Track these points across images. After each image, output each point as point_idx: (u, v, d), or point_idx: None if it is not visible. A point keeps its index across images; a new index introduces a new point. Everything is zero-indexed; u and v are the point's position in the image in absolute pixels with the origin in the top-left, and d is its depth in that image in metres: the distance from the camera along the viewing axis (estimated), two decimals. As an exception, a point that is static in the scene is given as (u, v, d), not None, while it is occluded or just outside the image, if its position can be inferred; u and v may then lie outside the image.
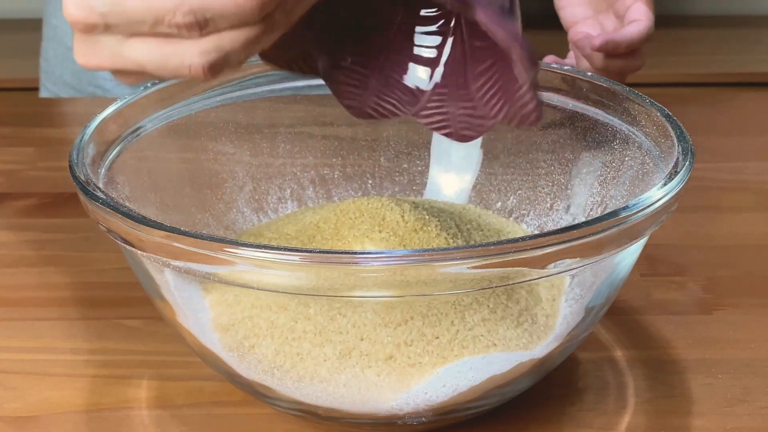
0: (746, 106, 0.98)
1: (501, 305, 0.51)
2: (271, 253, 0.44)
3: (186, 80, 0.61)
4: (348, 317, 0.50)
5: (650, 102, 0.57)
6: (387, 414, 0.50)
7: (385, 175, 0.67)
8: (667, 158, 0.53)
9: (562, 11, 0.82)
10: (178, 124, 0.62)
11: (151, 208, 0.58)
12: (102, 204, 0.48)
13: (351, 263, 0.44)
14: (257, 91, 0.64)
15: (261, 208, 0.65)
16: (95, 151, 0.54)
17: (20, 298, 0.66)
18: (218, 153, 0.65)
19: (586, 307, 0.52)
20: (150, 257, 0.48)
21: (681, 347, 0.60)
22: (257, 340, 0.51)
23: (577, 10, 0.81)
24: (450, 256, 0.44)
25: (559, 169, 0.63)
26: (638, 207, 0.47)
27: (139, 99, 0.59)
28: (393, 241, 0.53)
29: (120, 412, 0.55)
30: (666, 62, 2.00)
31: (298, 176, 0.66)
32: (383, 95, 0.54)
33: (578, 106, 0.61)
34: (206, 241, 0.45)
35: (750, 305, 0.65)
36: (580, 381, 0.57)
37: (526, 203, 0.64)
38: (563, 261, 0.45)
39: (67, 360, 0.60)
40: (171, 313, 0.52)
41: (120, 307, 0.64)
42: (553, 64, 0.63)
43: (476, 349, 0.50)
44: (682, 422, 0.55)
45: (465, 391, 0.50)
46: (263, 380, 0.51)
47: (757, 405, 0.56)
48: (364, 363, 0.49)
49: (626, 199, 0.56)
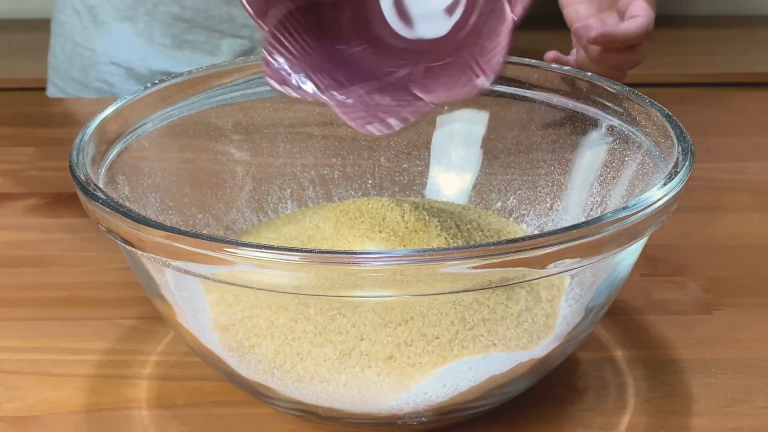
0: (746, 106, 0.98)
1: (501, 305, 0.51)
2: (271, 253, 0.44)
3: (186, 80, 0.61)
4: (348, 317, 0.50)
5: (650, 102, 0.57)
6: (387, 414, 0.50)
7: (385, 175, 0.67)
8: (667, 158, 0.53)
9: (566, 9, 0.83)
10: (178, 124, 0.62)
11: (151, 208, 0.58)
12: (102, 204, 0.48)
13: (351, 263, 0.44)
14: (257, 91, 0.64)
15: (261, 208, 0.65)
16: (95, 151, 0.54)
17: (20, 298, 0.66)
18: (218, 153, 0.65)
19: (586, 307, 0.52)
20: (150, 257, 0.48)
21: (681, 347, 0.60)
22: (257, 340, 0.51)
23: (581, 8, 0.82)
24: (450, 256, 0.44)
25: (559, 169, 0.63)
26: (638, 207, 0.47)
27: (139, 99, 0.59)
28: (393, 241, 0.53)
29: (120, 412, 0.55)
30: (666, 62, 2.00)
31: (298, 176, 0.66)
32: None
33: (578, 106, 0.61)
34: (206, 241, 0.45)
35: (750, 305, 0.65)
36: (580, 381, 0.57)
37: (526, 203, 0.64)
38: (563, 261, 0.45)
39: (67, 360, 0.60)
40: (171, 313, 0.52)
41: (120, 307, 0.64)
42: (553, 64, 0.63)
43: (476, 349, 0.50)
44: (682, 422, 0.55)
45: (465, 391, 0.50)
46: (263, 380, 0.51)
47: (757, 405, 0.56)
48: (364, 363, 0.49)
49: (626, 199, 0.56)
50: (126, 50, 1.01)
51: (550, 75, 0.62)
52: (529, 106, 0.63)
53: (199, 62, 1.01)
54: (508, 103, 0.64)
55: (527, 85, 0.63)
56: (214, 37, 1.00)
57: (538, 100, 0.63)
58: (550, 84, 0.62)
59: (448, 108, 0.66)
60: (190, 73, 0.62)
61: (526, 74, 0.63)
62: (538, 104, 0.63)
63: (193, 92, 0.62)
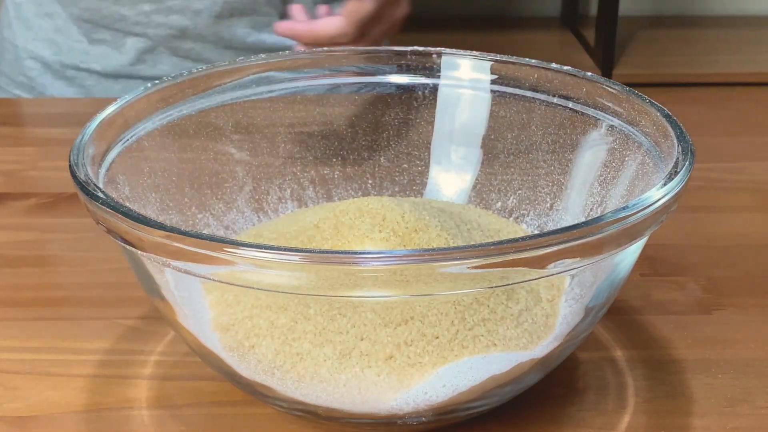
0: (746, 106, 0.98)
1: (501, 305, 0.51)
2: (271, 253, 0.44)
3: (186, 80, 0.61)
4: (348, 317, 0.50)
5: (650, 102, 0.57)
6: (387, 414, 0.50)
7: (385, 175, 0.67)
8: (667, 158, 0.53)
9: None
10: (178, 124, 0.62)
11: (151, 208, 0.58)
12: (102, 204, 0.48)
13: (351, 263, 0.44)
14: (257, 91, 0.64)
15: (261, 208, 0.65)
16: (95, 151, 0.54)
17: (20, 298, 0.66)
18: (218, 153, 0.65)
19: (586, 307, 0.52)
20: (150, 257, 0.48)
21: (681, 347, 0.60)
22: (257, 340, 0.51)
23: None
24: (450, 256, 0.44)
25: (559, 169, 0.63)
26: (638, 207, 0.47)
27: (139, 99, 0.59)
28: (393, 241, 0.53)
29: (120, 412, 0.55)
30: (666, 62, 2.01)
31: (298, 176, 0.66)
32: None
33: (578, 106, 0.61)
34: (206, 241, 0.45)
35: (750, 305, 0.65)
36: (580, 381, 0.57)
37: (526, 203, 0.64)
38: (563, 261, 0.45)
39: (67, 360, 0.60)
40: (171, 313, 0.52)
41: (120, 307, 0.64)
42: (553, 64, 0.63)
43: (476, 349, 0.50)
44: (682, 422, 0.55)
45: (465, 390, 0.50)
46: (263, 380, 0.51)
47: (757, 405, 0.56)
48: (364, 363, 0.49)
49: (626, 199, 0.56)
50: (44, 46, 1.04)
51: (550, 75, 0.62)
52: (529, 106, 0.63)
53: (110, 58, 1.03)
54: (508, 103, 0.64)
55: (527, 85, 0.63)
56: (118, 36, 1.02)
57: (538, 100, 0.63)
58: (550, 84, 0.62)
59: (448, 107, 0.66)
60: (190, 73, 0.62)
61: (526, 74, 0.63)
62: (538, 104, 0.63)
63: (193, 92, 0.62)
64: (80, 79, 1.05)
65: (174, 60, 1.04)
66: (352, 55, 0.67)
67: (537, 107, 0.63)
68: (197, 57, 1.04)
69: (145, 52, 1.03)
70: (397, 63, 0.66)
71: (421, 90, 0.66)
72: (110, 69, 1.04)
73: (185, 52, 1.03)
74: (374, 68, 0.66)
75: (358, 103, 0.67)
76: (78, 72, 1.04)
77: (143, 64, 1.04)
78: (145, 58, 1.04)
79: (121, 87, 1.05)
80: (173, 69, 1.04)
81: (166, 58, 1.04)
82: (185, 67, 1.05)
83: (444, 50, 0.65)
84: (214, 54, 1.04)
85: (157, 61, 1.04)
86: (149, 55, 1.03)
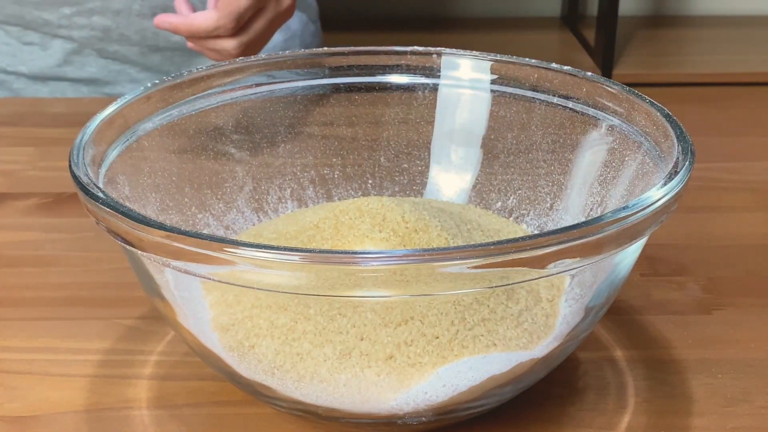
0: (746, 106, 0.98)
1: (501, 305, 0.51)
2: (271, 253, 0.44)
3: (186, 80, 0.62)
4: (348, 317, 0.50)
5: (650, 102, 0.57)
6: (387, 414, 0.50)
7: (385, 175, 0.67)
8: (667, 158, 0.53)
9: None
10: (178, 124, 0.62)
11: (151, 208, 0.58)
12: (102, 204, 0.48)
13: (351, 263, 0.44)
14: (257, 91, 0.64)
15: (261, 208, 0.65)
16: (95, 151, 0.54)
17: (20, 298, 0.66)
18: (218, 153, 0.65)
19: (586, 307, 0.52)
20: (150, 257, 0.48)
21: (681, 347, 0.60)
22: (257, 340, 0.51)
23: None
24: (450, 256, 0.44)
25: (559, 169, 0.63)
26: (638, 207, 0.47)
27: (139, 99, 0.59)
28: (393, 241, 0.53)
29: (120, 412, 0.55)
30: (666, 62, 2.01)
31: (298, 176, 0.66)
32: None
33: (578, 106, 0.61)
34: (206, 241, 0.45)
35: (750, 305, 0.65)
36: (580, 381, 0.57)
37: (526, 203, 0.64)
38: (563, 261, 0.45)
39: (67, 360, 0.60)
40: (171, 313, 0.52)
41: (120, 307, 0.64)
42: (553, 64, 0.63)
43: (476, 349, 0.50)
44: (682, 422, 0.55)
45: (465, 390, 0.50)
46: (263, 380, 0.51)
47: (757, 405, 0.56)
48: (364, 363, 0.49)
49: (626, 199, 0.56)
50: None
51: (550, 75, 0.62)
52: (529, 106, 0.63)
53: (38, 60, 1.03)
54: (508, 103, 0.64)
55: (527, 85, 0.63)
56: (46, 39, 1.02)
57: (538, 100, 0.63)
58: (550, 84, 0.62)
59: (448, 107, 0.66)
60: (190, 73, 0.62)
61: (526, 74, 0.63)
62: (538, 104, 0.63)
63: (193, 92, 0.62)
64: (8, 82, 1.05)
65: (101, 62, 1.04)
66: (351, 55, 0.67)
67: (537, 107, 0.63)
68: (124, 58, 1.04)
69: (72, 53, 1.03)
70: (397, 63, 0.66)
71: (421, 90, 0.66)
72: (37, 71, 1.04)
73: (111, 53, 1.03)
74: (374, 68, 0.66)
75: (358, 103, 0.67)
76: (6, 75, 1.05)
77: (70, 66, 1.04)
78: (72, 59, 1.03)
79: (50, 89, 1.05)
80: (101, 71, 1.04)
81: (94, 60, 1.04)
82: (113, 68, 1.04)
83: (444, 50, 0.65)
84: (140, 56, 1.04)
85: (84, 63, 1.04)
86: (76, 56, 1.03)
